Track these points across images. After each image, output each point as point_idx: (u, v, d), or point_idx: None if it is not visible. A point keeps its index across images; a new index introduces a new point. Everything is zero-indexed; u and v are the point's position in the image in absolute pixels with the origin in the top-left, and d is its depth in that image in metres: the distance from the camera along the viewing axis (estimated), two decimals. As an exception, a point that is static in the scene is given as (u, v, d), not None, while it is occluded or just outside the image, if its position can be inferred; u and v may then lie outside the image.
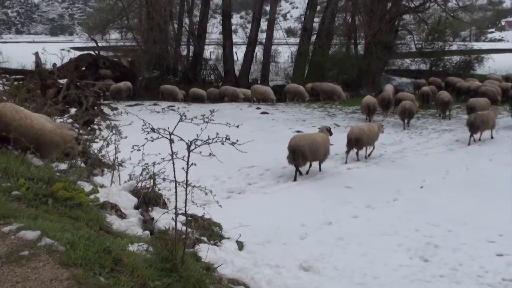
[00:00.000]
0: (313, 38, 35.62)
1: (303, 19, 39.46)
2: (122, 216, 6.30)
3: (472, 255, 7.52)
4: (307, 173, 12.75)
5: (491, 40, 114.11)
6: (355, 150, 13.96)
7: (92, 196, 5.97)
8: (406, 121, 19.00)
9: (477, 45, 44.54)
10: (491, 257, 7.48)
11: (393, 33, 35.72)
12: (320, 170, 12.99)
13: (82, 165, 9.03)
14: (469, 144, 15.89)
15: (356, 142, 13.70)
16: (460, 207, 9.88)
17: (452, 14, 36.82)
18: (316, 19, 37.00)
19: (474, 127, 15.95)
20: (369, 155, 14.34)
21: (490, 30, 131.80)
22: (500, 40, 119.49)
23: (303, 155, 12.08)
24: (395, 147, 15.45)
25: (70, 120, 14.23)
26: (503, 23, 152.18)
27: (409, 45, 39.10)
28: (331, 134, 13.68)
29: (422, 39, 38.13)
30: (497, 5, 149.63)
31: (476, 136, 16.29)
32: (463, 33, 65.35)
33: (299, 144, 12.03)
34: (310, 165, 12.73)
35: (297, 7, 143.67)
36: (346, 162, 13.78)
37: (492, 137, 16.57)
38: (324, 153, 12.79)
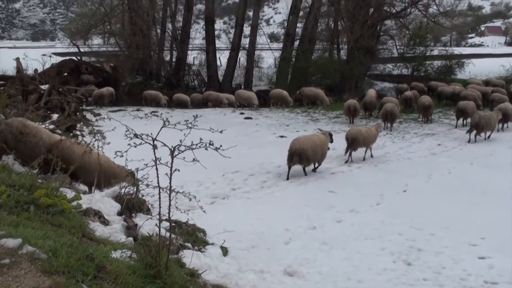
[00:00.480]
0: (296, 43, 35.81)
1: (286, 24, 39.57)
2: (105, 222, 6.25)
3: (454, 258, 7.59)
4: (314, 170, 13.36)
5: (471, 45, 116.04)
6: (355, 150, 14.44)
7: (74, 203, 5.92)
8: (389, 124, 19.25)
9: (458, 50, 45.18)
10: (473, 260, 7.55)
11: (375, 38, 36.07)
12: (314, 171, 13.28)
13: (64, 171, 8.93)
14: (469, 141, 16.84)
15: (352, 142, 14.09)
16: (442, 210, 9.97)
17: (433, 20, 37.26)
18: (299, 25, 37.19)
19: (478, 127, 16.71)
20: (371, 155, 14.82)
21: (470, 35, 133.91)
22: (480, 45, 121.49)
23: (307, 158, 12.61)
24: (378, 151, 15.55)
25: (52, 126, 14.09)
26: (482, 29, 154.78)
27: (391, 50, 39.54)
28: (331, 140, 14.08)
29: (403, 44, 38.58)
30: (476, 11, 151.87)
31: (478, 137, 17.10)
32: (444, 38, 66.20)
33: (304, 147, 12.49)
34: (314, 165, 13.27)
35: (280, 13, 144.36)
36: (347, 162, 14.29)
37: (488, 138, 17.37)
38: (321, 155, 13.21)
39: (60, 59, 32.26)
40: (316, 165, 13.32)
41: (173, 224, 6.72)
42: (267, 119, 22.42)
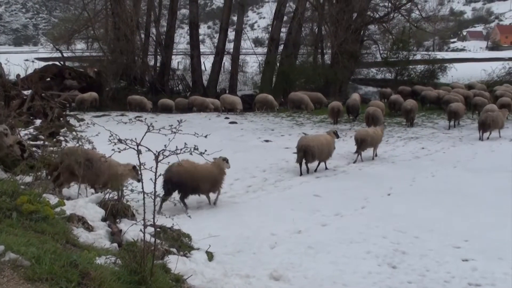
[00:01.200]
0: (281, 48, 35.95)
1: (270, 29, 39.79)
2: (89, 228, 6.20)
3: (438, 261, 7.64)
4: (315, 170, 13.90)
5: (454, 50, 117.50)
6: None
7: (58, 209, 5.87)
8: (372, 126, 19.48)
9: (440, 55, 45.67)
10: (457, 262, 7.60)
11: (359, 43, 36.42)
12: (326, 168, 14.11)
13: (48, 177, 8.86)
14: (481, 139, 17.85)
15: (361, 143, 14.76)
16: (426, 213, 10.04)
17: (415, 25, 37.69)
18: (283, 29, 37.38)
19: (485, 126, 17.64)
20: (376, 155, 15.47)
21: (452, 40, 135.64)
22: (462, 49, 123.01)
23: (312, 154, 13.31)
24: (362, 155, 15.61)
25: (35, 132, 13.96)
26: (464, 33, 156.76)
27: (375, 54, 39.92)
28: (338, 137, 15.00)
29: (387, 48, 38.96)
30: (458, 16, 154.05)
31: (486, 134, 17.93)
32: (427, 43, 67.05)
33: (310, 144, 13.29)
34: (319, 163, 14.00)
35: (264, 17, 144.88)
36: (355, 162, 14.95)
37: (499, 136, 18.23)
38: (328, 153, 13.92)
39: (43, 64, 32.06)
40: (326, 163, 13.94)
41: (158, 229, 6.69)
42: (252, 124, 22.44)
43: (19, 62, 25.94)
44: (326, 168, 14.09)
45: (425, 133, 19.32)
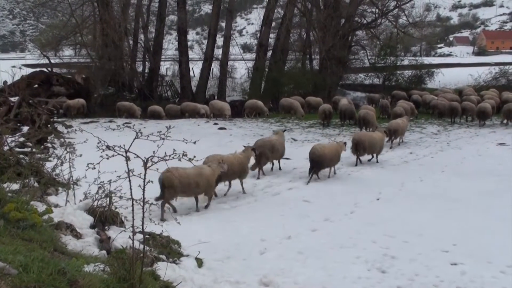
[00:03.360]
0: (269, 53, 36.05)
1: (258, 35, 39.85)
2: (78, 236, 6.16)
3: (428, 265, 7.66)
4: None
5: (441, 55, 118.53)
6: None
7: (46, 217, 5.82)
8: (364, 129, 19.87)
9: (428, 60, 46.01)
10: (446, 266, 7.64)
11: (347, 49, 36.62)
12: (377, 162, 15.56)
13: (35, 184, 8.79)
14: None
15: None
16: (415, 218, 10.08)
17: (403, 30, 38.00)
18: (271, 35, 37.51)
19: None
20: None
21: (439, 46, 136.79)
22: (449, 55, 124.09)
23: (364, 147, 14.84)
24: (351, 160, 15.67)
25: (22, 139, 13.85)
26: (451, 39, 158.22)
27: (363, 60, 40.19)
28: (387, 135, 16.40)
29: (375, 54, 39.23)
30: (445, 22, 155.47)
31: None
32: (414, 48, 67.59)
33: (362, 139, 15.00)
34: (372, 156, 15.70)
35: (252, 23, 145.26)
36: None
37: None
38: (380, 148, 15.38)
39: (30, 70, 31.82)
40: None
41: (147, 236, 6.66)
42: (241, 130, 22.43)
43: (6, 69, 25.76)
44: (377, 162, 15.52)
45: (413, 138, 19.44)
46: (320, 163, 13.36)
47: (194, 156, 4.68)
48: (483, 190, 12.02)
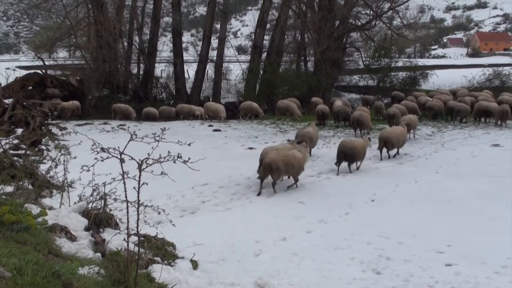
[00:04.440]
0: (264, 55, 36.09)
1: (253, 37, 39.89)
2: (72, 238, 6.13)
3: (422, 266, 7.69)
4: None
5: (435, 57, 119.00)
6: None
7: (40, 219, 5.80)
8: (359, 130, 20.36)
9: (422, 62, 46.22)
10: (440, 267, 7.67)
11: (341, 50, 36.70)
12: (398, 153, 16.65)
13: (30, 187, 8.76)
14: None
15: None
16: (410, 219, 10.12)
17: (397, 32, 38.10)
18: (266, 37, 37.54)
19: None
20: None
21: (433, 47, 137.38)
22: (443, 56, 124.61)
23: (392, 143, 15.97)
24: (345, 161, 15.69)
25: (16, 141, 13.81)
26: (445, 40, 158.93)
27: (357, 62, 40.30)
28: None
29: (369, 56, 39.34)
30: (439, 23, 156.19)
31: None
32: (408, 50, 67.84)
33: (389, 136, 16.01)
34: (398, 152, 16.64)
35: (247, 25, 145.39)
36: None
37: None
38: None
39: (24, 72, 31.73)
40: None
41: (141, 238, 6.65)
42: (236, 131, 22.43)
43: (0, 71, 25.66)
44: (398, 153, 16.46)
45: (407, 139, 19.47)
46: (351, 155, 14.31)
47: (189, 158, 4.68)
48: (477, 191, 12.06)
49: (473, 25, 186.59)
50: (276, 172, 12.00)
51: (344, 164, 14.57)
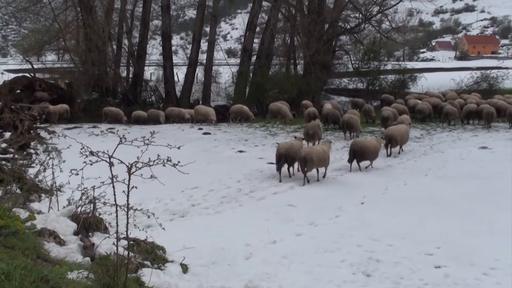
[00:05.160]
0: (253, 58, 36.10)
1: (243, 40, 39.92)
2: (61, 243, 6.09)
3: (412, 268, 7.73)
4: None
5: (423, 60, 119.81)
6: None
7: (28, 223, 5.76)
8: (348, 133, 20.51)
9: (410, 65, 46.45)
10: (429, 269, 7.71)
11: (330, 53, 36.81)
12: (402, 150, 17.49)
13: (18, 191, 8.69)
14: None
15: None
16: (399, 221, 10.16)
17: (386, 35, 38.27)
18: (256, 40, 37.57)
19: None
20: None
21: (422, 50, 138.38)
22: (432, 59, 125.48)
23: (396, 141, 16.92)
24: (335, 164, 15.74)
25: (4, 145, 13.70)
26: (433, 43, 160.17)
27: (347, 64, 40.39)
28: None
29: (358, 59, 39.44)
30: (427, 27, 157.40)
31: None
32: (397, 53, 68.19)
33: (394, 134, 17.00)
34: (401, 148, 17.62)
35: (237, 28, 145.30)
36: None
37: None
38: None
39: (12, 76, 31.57)
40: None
41: (131, 242, 6.62)
42: (226, 134, 22.41)
43: (-12, 74, 25.50)
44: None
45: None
46: (361, 154, 14.99)
47: (179, 161, 4.67)
48: (465, 193, 12.15)
49: (461, 28, 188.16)
50: (310, 163, 13.53)
51: (332, 166, 14.62)
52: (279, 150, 14.22)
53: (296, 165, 14.38)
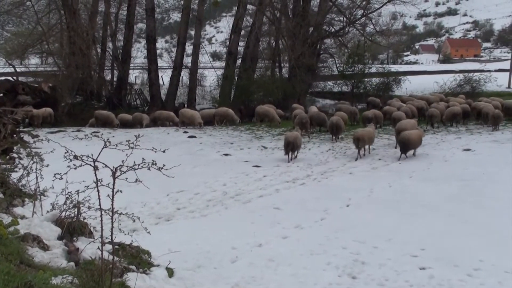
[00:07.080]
0: (239, 61, 36.14)
1: (228, 43, 39.94)
2: (45, 247, 6.03)
3: (397, 270, 7.77)
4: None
5: (407, 63, 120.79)
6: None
7: (11, 228, 5.70)
8: (335, 135, 20.77)
9: (394, 68, 46.74)
10: (414, 271, 7.76)
11: (315, 57, 36.98)
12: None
13: (1, 195, 8.60)
14: None
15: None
16: (384, 223, 10.22)
17: (370, 38, 38.53)
18: (241, 43, 37.63)
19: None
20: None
21: (405, 53, 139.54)
22: (415, 62, 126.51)
23: (364, 141, 17.60)
24: (321, 167, 15.81)
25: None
26: (417, 47, 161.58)
27: (331, 68, 40.62)
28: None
29: (343, 62, 39.63)
30: (411, 30, 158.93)
31: None
32: (381, 56, 68.76)
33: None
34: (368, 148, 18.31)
35: (221, 32, 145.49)
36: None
37: None
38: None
39: (-5, 79, 31.12)
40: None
41: (116, 246, 6.57)
42: (211, 138, 22.39)
43: (-30, 78, 25.19)
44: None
45: (381, 145, 19.69)
46: (408, 145, 16.92)
47: (164, 165, 4.65)
48: (449, 194, 12.27)
49: (444, 31, 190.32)
50: (362, 142, 17.04)
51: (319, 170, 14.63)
52: (287, 138, 16.92)
53: (296, 152, 17.18)
